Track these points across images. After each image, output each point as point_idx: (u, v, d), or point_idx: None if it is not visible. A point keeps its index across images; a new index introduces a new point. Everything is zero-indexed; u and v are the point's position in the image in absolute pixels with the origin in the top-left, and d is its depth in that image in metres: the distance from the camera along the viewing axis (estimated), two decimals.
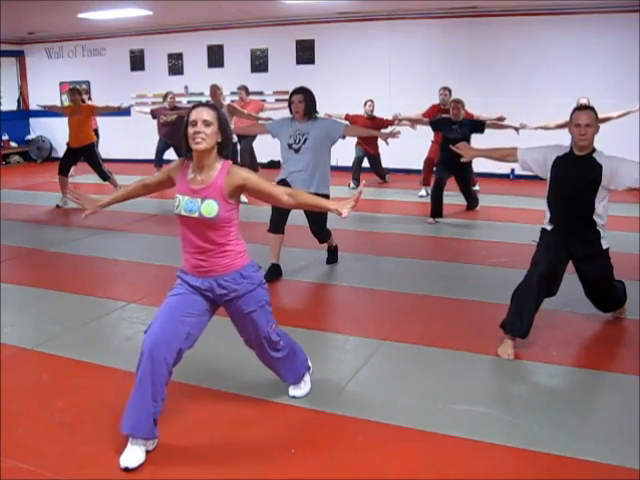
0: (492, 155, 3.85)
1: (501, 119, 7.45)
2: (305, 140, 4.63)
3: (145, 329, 2.51)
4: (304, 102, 4.63)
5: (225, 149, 2.55)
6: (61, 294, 4.52)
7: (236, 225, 2.60)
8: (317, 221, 4.84)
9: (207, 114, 2.47)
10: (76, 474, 2.40)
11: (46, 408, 2.89)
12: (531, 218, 5.90)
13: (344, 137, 4.83)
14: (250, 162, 8.55)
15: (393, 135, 5.32)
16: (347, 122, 8.43)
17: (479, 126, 6.70)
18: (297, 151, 4.66)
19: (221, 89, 7.43)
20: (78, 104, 7.75)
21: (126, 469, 2.39)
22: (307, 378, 3.02)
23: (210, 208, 2.47)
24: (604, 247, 3.54)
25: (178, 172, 2.61)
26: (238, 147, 7.98)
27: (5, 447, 2.54)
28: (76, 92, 7.82)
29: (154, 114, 9.27)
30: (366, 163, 9.05)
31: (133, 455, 2.42)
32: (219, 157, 2.55)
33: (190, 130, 2.47)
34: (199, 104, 2.56)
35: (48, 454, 2.52)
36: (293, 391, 2.98)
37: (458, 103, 6.74)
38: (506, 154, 3.73)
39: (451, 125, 6.70)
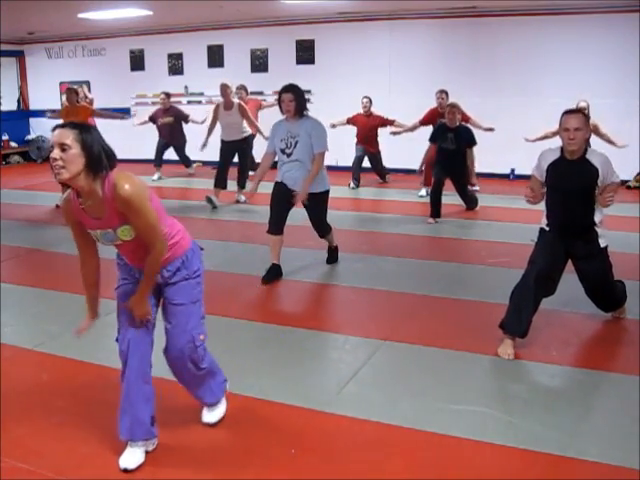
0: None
1: (490, 130, 7.71)
2: (296, 144, 4.62)
3: (116, 337, 2.46)
4: (294, 101, 4.59)
5: (94, 168, 2.15)
6: (61, 294, 4.51)
7: (162, 224, 2.35)
8: (315, 214, 4.90)
9: (65, 136, 2.10)
10: (76, 474, 2.40)
11: (46, 408, 2.89)
12: (531, 218, 5.87)
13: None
14: (250, 162, 8.53)
15: None
16: (351, 125, 8.78)
17: (472, 139, 6.75)
18: (289, 155, 4.65)
19: (231, 87, 7.42)
20: (73, 104, 7.69)
21: (125, 470, 2.39)
22: (223, 400, 2.79)
23: (126, 232, 2.27)
24: (602, 245, 3.55)
25: (73, 209, 2.28)
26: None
27: (5, 447, 2.54)
28: (72, 92, 7.74)
29: (153, 119, 9.45)
30: (366, 163, 9.06)
31: (132, 456, 2.42)
32: (93, 177, 2.16)
33: (50, 156, 2.12)
34: (57, 125, 2.15)
35: (48, 454, 2.52)
36: (207, 416, 2.72)
37: (454, 107, 6.67)
38: (538, 183, 3.57)
39: (447, 133, 6.64)
